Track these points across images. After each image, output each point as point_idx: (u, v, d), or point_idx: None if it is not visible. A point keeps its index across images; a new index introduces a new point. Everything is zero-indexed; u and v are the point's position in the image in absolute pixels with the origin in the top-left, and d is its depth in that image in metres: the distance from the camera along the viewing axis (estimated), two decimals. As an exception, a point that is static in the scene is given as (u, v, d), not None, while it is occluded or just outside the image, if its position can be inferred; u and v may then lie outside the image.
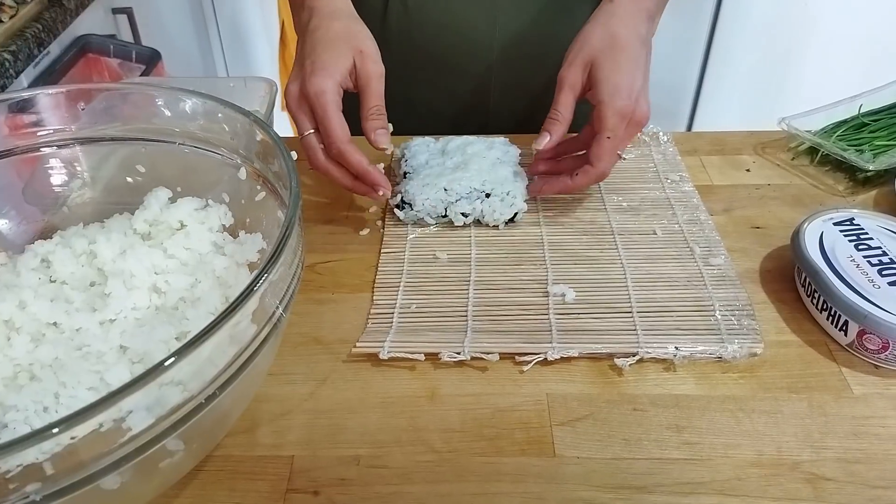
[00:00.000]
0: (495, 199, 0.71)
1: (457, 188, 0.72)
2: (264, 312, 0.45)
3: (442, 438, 0.53)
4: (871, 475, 0.50)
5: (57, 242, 0.59)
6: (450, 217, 0.72)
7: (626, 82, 0.67)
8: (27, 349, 0.52)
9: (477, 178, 0.72)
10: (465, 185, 0.72)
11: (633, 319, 0.62)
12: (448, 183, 0.72)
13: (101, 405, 0.36)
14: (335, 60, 0.68)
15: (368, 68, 0.69)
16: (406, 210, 0.72)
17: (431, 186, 0.72)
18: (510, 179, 0.73)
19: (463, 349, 0.59)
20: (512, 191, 0.72)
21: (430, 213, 0.72)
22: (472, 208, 0.71)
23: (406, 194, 0.73)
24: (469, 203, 0.71)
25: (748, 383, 0.57)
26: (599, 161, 0.69)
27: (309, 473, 0.51)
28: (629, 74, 0.68)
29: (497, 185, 0.72)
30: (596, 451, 0.52)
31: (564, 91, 0.70)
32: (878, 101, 0.87)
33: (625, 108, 0.67)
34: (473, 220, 0.72)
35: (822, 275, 0.60)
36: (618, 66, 0.68)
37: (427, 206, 0.71)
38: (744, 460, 0.51)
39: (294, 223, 0.47)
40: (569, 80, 0.70)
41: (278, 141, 0.54)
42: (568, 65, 0.70)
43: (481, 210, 0.71)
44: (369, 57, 0.69)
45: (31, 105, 0.62)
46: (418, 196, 0.71)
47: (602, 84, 0.67)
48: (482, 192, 0.72)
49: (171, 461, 0.44)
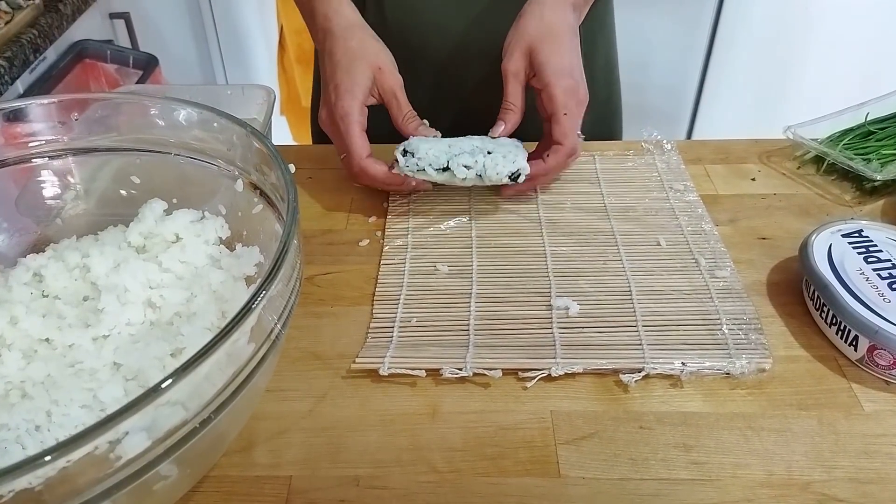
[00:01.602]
0: (497, 155, 0.71)
1: (460, 144, 0.72)
2: (262, 329, 0.44)
3: (443, 458, 0.52)
4: (885, 496, 0.49)
5: (49, 256, 0.58)
6: (452, 170, 0.71)
7: (566, 63, 0.72)
8: (19, 366, 0.51)
9: (479, 141, 0.73)
10: (468, 144, 0.72)
11: (638, 333, 0.61)
12: (452, 142, 0.73)
13: (98, 430, 0.35)
14: (356, 82, 0.72)
15: (389, 83, 0.74)
16: (408, 158, 0.71)
17: (435, 142, 0.73)
18: (512, 146, 0.73)
19: (465, 365, 0.57)
20: (514, 152, 0.72)
21: (432, 162, 0.71)
22: (475, 161, 0.70)
23: (409, 144, 0.72)
24: (472, 157, 0.71)
25: (756, 400, 0.56)
26: (565, 137, 0.72)
27: (307, 495, 0.50)
28: (567, 56, 0.73)
29: (499, 147, 0.72)
30: (602, 472, 0.51)
31: (510, 81, 0.74)
32: (885, 109, 0.86)
33: (570, 85, 0.71)
34: (476, 175, 0.71)
35: (831, 288, 0.59)
36: (556, 50, 0.72)
37: (430, 156, 0.71)
38: (753, 480, 0.50)
39: (292, 237, 0.46)
40: (512, 70, 0.74)
41: (275, 152, 0.53)
42: (509, 56, 0.74)
43: (483, 164, 0.70)
44: (387, 72, 0.74)
45: (24, 115, 0.61)
46: (422, 145, 0.71)
47: (545, 67, 0.72)
48: (484, 149, 0.72)
49: (165, 484, 0.43)
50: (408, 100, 0.75)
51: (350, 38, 0.75)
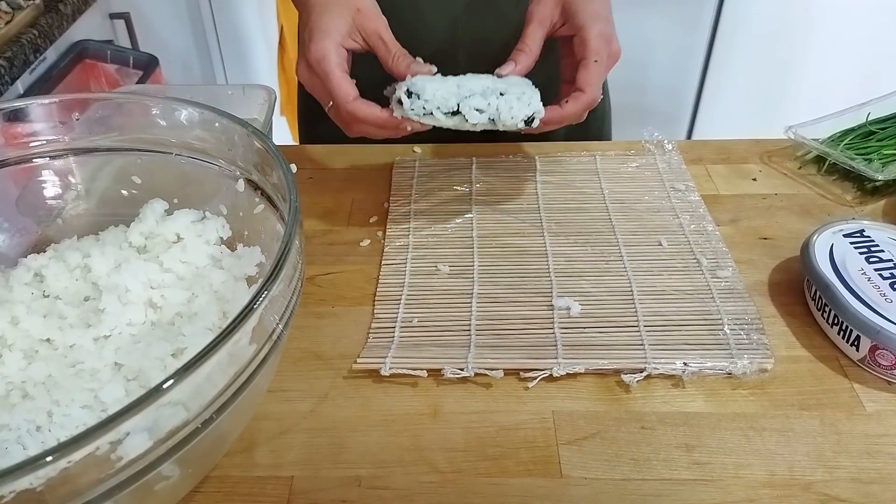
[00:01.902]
0: (512, 97, 0.65)
1: (470, 84, 0.66)
2: (264, 329, 0.44)
3: (445, 458, 0.52)
4: (887, 496, 0.49)
5: (50, 256, 0.58)
6: (463, 114, 0.64)
7: (602, 12, 0.70)
8: (19, 366, 0.50)
9: (490, 80, 0.67)
10: (479, 84, 0.66)
11: (639, 334, 0.61)
12: (460, 81, 0.66)
13: (99, 430, 0.34)
14: (331, 22, 0.67)
15: (371, 24, 0.68)
16: (413, 100, 0.64)
17: (441, 82, 0.66)
18: (524, 85, 0.68)
19: (466, 365, 0.57)
20: (528, 92, 0.67)
21: (440, 105, 0.64)
22: (488, 104, 0.64)
23: (413, 85, 0.65)
24: (484, 98, 0.65)
25: (758, 400, 0.56)
26: (589, 86, 0.68)
27: (309, 495, 0.50)
28: (603, 6, 0.70)
29: (512, 87, 0.66)
30: (604, 472, 0.51)
31: (533, 24, 0.71)
32: (886, 109, 0.85)
33: (605, 31, 0.68)
34: (488, 119, 0.65)
35: (832, 288, 0.59)
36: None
37: (438, 97, 0.64)
38: (755, 481, 0.50)
39: (293, 238, 0.46)
40: (539, 14, 0.71)
41: (276, 152, 0.53)
42: (538, 1, 0.71)
43: (497, 107, 0.65)
44: (368, 12, 0.68)
45: (24, 115, 0.61)
46: (428, 86, 0.64)
47: (580, 12, 0.69)
48: (496, 90, 0.66)
49: (166, 484, 0.43)
50: (395, 39, 0.69)
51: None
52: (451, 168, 0.83)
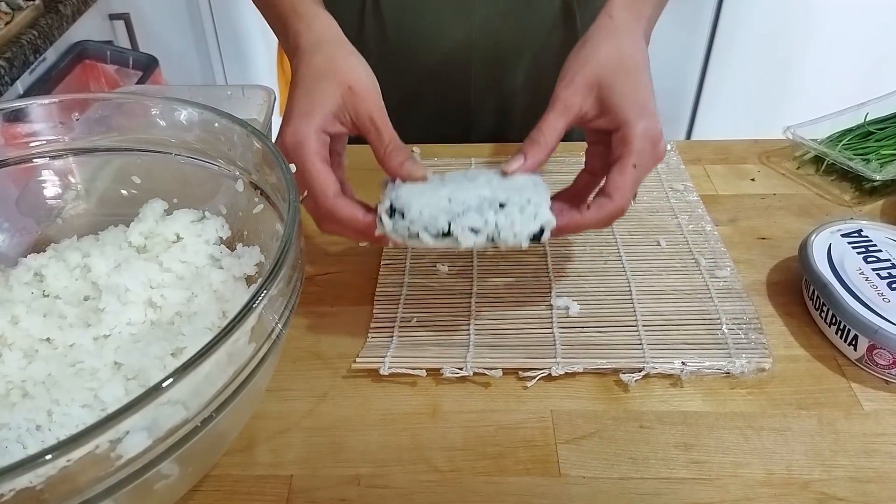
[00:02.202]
0: (513, 208, 0.53)
1: (464, 197, 0.54)
2: (263, 329, 0.44)
3: (444, 457, 0.52)
4: (884, 495, 0.49)
5: (50, 256, 0.58)
6: (454, 234, 0.53)
7: (650, 104, 0.58)
8: (19, 365, 0.50)
9: (487, 187, 0.55)
10: (475, 195, 0.54)
11: (638, 333, 0.61)
12: (452, 192, 0.54)
13: (98, 428, 0.35)
14: (315, 101, 0.57)
15: (364, 106, 0.57)
16: (396, 220, 0.54)
17: (431, 194, 0.54)
18: (529, 187, 0.55)
19: (465, 364, 0.58)
20: (533, 199, 0.54)
21: (428, 225, 0.53)
22: (485, 221, 0.53)
23: (397, 199, 0.54)
24: (480, 215, 0.53)
25: (756, 399, 0.56)
26: (621, 193, 0.56)
27: (308, 494, 0.50)
28: (650, 96, 0.59)
29: (514, 193, 0.54)
30: (602, 471, 0.51)
31: (556, 111, 0.58)
32: (884, 110, 0.86)
33: (653, 129, 0.56)
34: (487, 238, 0.54)
35: (830, 288, 0.59)
36: (636, 86, 0.58)
37: (425, 216, 0.53)
38: (753, 479, 0.50)
39: (292, 238, 0.46)
40: (565, 101, 0.58)
41: (276, 152, 0.53)
42: (567, 84, 0.59)
43: (496, 224, 0.53)
44: (361, 92, 0.57)
45: (24, 115, 0.61)
46: (414, 202, 0.54)
47: (624, 104, 0.57)
48: (495, 200, 0.54)
49: (166, 483, 0.43)
50: (391, 126, 0.58)
51: (317, 53, 0.60)
52: (451, 169, 0.83)
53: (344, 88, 0.57)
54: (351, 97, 0.57)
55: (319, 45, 0.60)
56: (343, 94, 0.57)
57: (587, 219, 0.57)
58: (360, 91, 0.57)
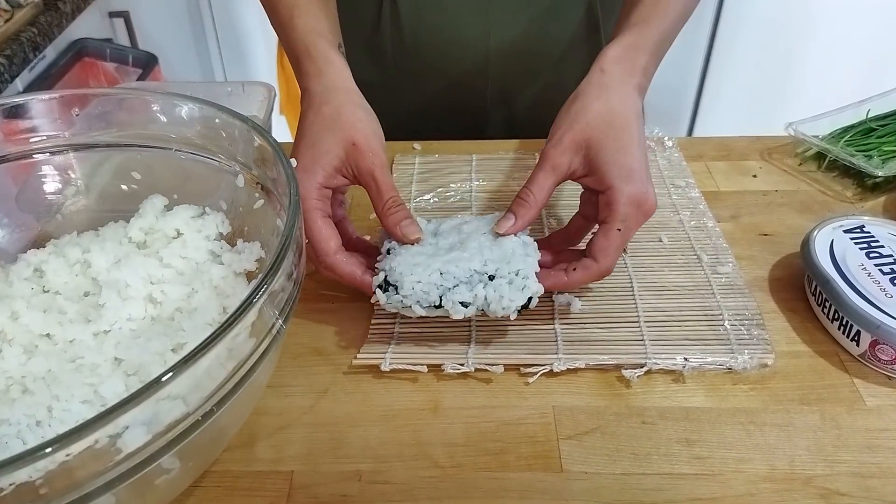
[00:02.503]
0: (502, 281, 0.57)
1: (454, 271, 0.57)
2: (263, 324, 0.44)
3: (445, 453, 0.52)
4: (887, 490, 0.49)
5: (50, 251, 0.58)
6: (445, 307, 0.57)
7: (637, 165, 0.58)
8: (19, 361, 0.50)
9: (478, 257, 0.58)
10: (464, 268, 0.57)
11: (640, 329, 0.61)
12: (444, 265, 0.57)
13: (98, 422, 0.34)
14: (318, 158, 0.59)
15: (366, 163, 0.59)
16: (390, 294, 0.57)
17: (423, 267, 0.57)
18: (519, 255, 0.58)
19: (466, 360, 0.57)
20: (522, 269, 0.57)
21: (420, 300, 0.57)
22: (474, 296, 0.56)
23: (391, 273, 0.58)
24: (470, 289, 0.56)
25: (759, 395, 0.56)
26: (605, 256, 0.57)
27: (309, 489, 0.50)
28: (637, 156, 0.59)
29: (503, 264, 0.57)
30: (604, 466, 0.51)
31: (545, 170, 0.60)
32: (886, 106, 0.85)
33: (639, 194, 0.57)
34: (477, 310, 0.57)
35: (832, 284, 0.59)
36: (624, 147, 0.58)
37: (417, 291, 0.56)
38: (756, 475, 0.50)
39: (293, 232, 0.46)
40: (553, 160, 0.59)
41: (277, 147, 0.53)
42: (556, 143, 0.60)
43: (485, 297, 0.56)
44: (365, 148, 0.59)
45: (24, 111, 0.61)
46: (407, 277, 0.57)
47: (611, 167, 0.58)
48: (484, 273, 0.57)
49: (166, 478, 0.43)
50: (391, 182, 0.61)
51: (326, 102, 0.61)
52: (451, 165, 0.83)
53: (348, 144, 0.59)
54: (354, 152, 0.59)
55: (329, 93, 0.62)
56: (346, 150, 0.59)
57: (573, 280, 0.59)
58: (363, 147, 0.59)
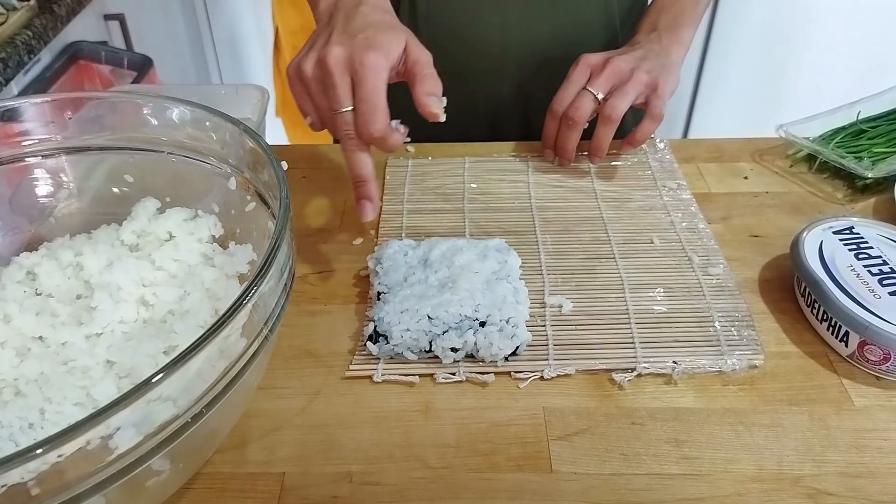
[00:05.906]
0: (492, 328, 0.58)
1: (443, 316, 0.58)
2: (254, 326, 0.44)
3: (436, 454, 0.52)
4: (874, 489, 0.49)
5: (43, 254, 0.58)
6: (435, 353, 0.58)
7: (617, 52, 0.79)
8: (12, 364, 0.50)
9: (469, 301, 0.59)
10: (454, 313, 0.58)
11: (630, 331, 0.61)
12: (433, 309, 0.58)
13: (88, 423, 0.35)
14: (391, 42, 0.61)
15: (419, 51, 0.63)
16: (381, 344, 0.59)
17: (412, 314, 0.58)
18: (510, 301, 0.60)
19: (458, 369, 0.58)
20: (513, 317, 0.59)
21: (410, 347, 0.58)
22: (464, 342, 0.57)
23: (380, 323, 0.59)
24: (459, 335, 0.58)
25: (748, 396, 0.56)
26: (558, 104, 0.79)
27: (300, 491, 0.50)
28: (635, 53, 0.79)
29: (494, 311, 0.59)
30: (594, 467, 0.51)
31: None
32: (877, 108, 0.86)
33: (593, 59, 0.79)
34: (467, 355, 0.59)
35: (822, 285, 0.60)
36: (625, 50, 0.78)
37: (407, 340, 0.58)
38: (744, 475, 0.50)
39: (283, 235, 0.46)
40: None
41: (268, 150, 0.53)
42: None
43: (475, 343, 0.58)
44: (419, 43, 0.64)
45: (17, 114, 0.61)
46: (396, 326, 0.58)
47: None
48: (475, 319, 0.59)
49: (157, 480, 0.43)
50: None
51: (385, 11, 0.66)
52: (444, 167, 0.84)
53: (409, 36, 0.64)
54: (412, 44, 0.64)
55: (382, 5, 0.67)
56: (408, 41, 0.63)
57: (643, 133, 0.80)
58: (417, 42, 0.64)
